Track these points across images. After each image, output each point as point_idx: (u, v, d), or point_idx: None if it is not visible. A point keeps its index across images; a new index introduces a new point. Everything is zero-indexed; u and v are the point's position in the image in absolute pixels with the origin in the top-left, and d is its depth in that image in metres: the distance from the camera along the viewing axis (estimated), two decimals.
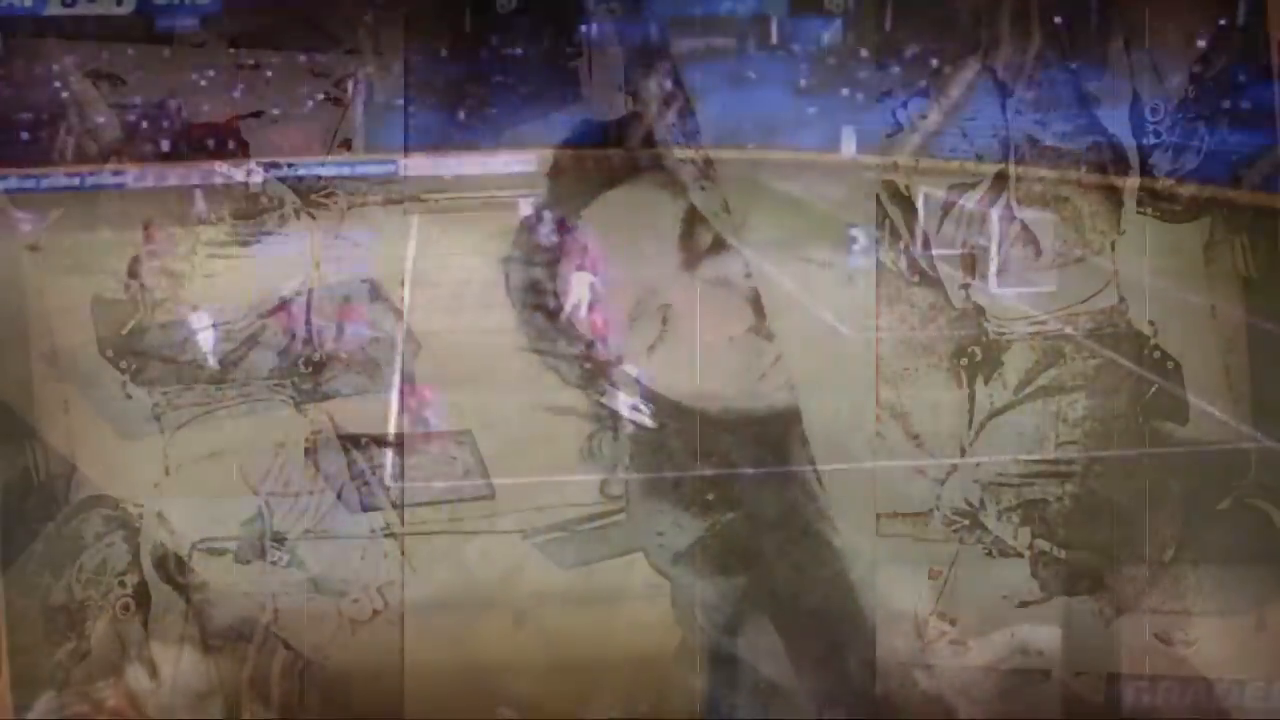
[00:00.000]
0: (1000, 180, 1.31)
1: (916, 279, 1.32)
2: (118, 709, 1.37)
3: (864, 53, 1.32)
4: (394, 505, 1.36)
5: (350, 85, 1.37)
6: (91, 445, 1.37)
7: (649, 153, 1.34)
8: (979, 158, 1.31)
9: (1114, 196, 1.30)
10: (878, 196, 1.32)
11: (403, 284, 1.36)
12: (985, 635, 1.30)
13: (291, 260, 1.37)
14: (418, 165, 1.36)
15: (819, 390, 1.33)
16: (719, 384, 1.34)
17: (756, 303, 1.34)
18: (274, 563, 1.36)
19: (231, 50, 1.37)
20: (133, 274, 1.38)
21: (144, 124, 1.37)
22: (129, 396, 1.37)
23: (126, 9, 1.36)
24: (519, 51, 1.36)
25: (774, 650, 1.32)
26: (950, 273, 1.32)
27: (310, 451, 1.37)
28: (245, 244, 1.37)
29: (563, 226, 1.35)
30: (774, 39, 1.33)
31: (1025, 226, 1.30)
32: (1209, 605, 1.26)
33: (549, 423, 1.35)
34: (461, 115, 1.36)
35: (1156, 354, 1.29)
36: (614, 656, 1.33)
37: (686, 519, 1.34)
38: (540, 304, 1.36)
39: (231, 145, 1.37)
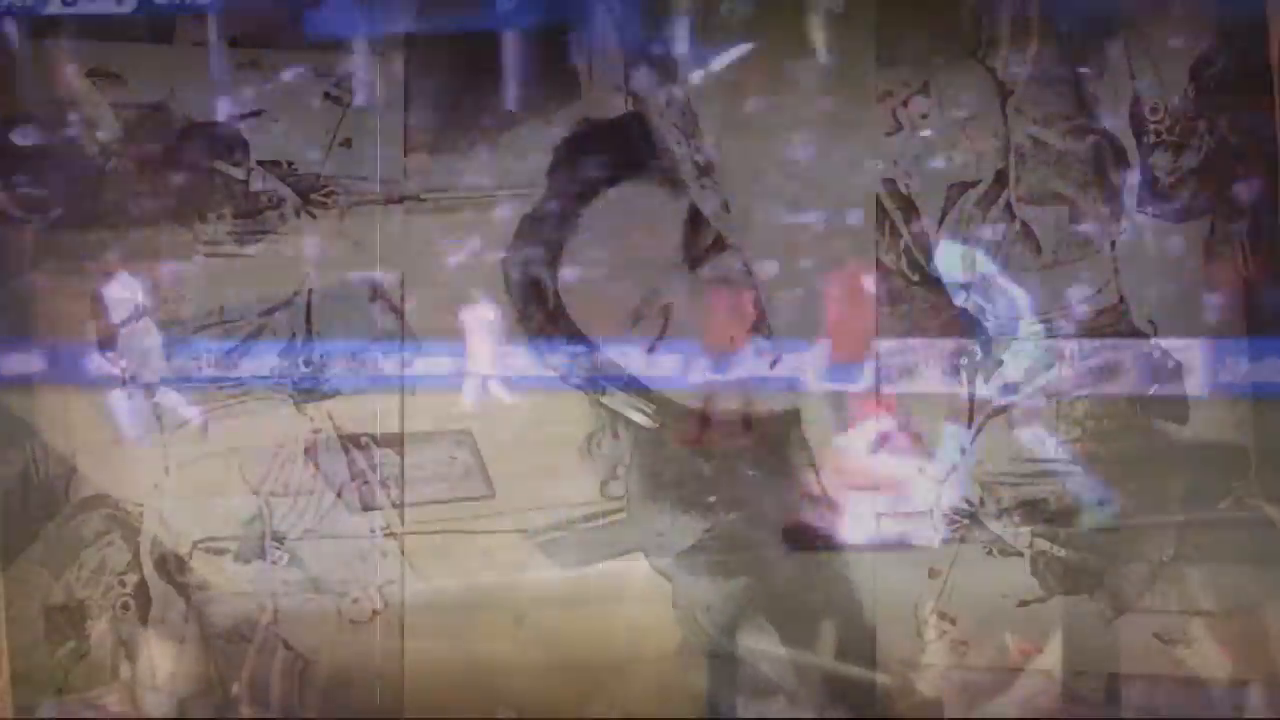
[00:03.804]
0: (1000, 179, 1.31)
1: (917, 278, 1.32)
2: (117, 709, 1.36)
3: (864, 54, 1.32)
4: (394, 505, 1.36)
5: (350, 85, 1.37)
6: (91, 445, 1.37)
7: (649, 152, 1.34)
8: (979, 157, 1.31)
9: (1114, 196, 1.30)
10: (877, 196, 1.32)
11: (402, 283, 1.36)
12: (985, 635, 1.30)
13: (292, 260, 1.37)
14: (418, 165, 1.36)
15: (819, 390, 1.33)
16: (720, 384, 1.34)
17: (758, 303, 1.34)
18: (274, 563, 1.36)
19: (231, 50, 1.37)
20: (132, 274, 1.38)
21: (144, 123, 1.37)
22: (129, 397, 1.37)
23: (126, 9, 1.36)
24: (519, 52, 1.36)
25: (774, 650, 1.32)
26: (950, 272, 1.32)
27: (310, 451, 1.37)
28: (245, 244, 1.37)
29: (563, 225, 1.35)
30: (773, 40, 1.34)
31: (1025, 225, 1.30)
32: (1209, 605, 1.26)
33: (549, 423, 1.35)
34: (462, 115, 1.37)
35: (1157, 353, 1.29)
36: (614, 656, 1.33)
37: (686, 519, 1.34)
38: (540, 303, 1.36)
39: (232, 145, 1.37)
